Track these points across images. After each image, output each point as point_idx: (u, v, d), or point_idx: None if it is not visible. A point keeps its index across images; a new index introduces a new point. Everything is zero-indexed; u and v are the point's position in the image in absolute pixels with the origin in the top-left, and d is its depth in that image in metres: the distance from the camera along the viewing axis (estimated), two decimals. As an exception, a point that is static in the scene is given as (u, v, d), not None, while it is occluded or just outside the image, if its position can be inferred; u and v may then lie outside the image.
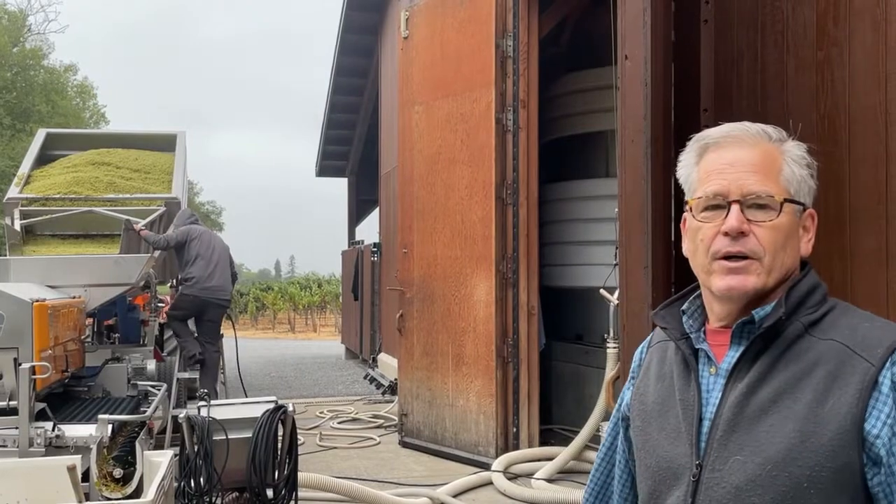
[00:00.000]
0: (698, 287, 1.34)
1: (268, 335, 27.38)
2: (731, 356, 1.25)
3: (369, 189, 16.05)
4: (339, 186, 19.85)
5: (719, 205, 1.24)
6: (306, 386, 11.77)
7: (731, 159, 1.25)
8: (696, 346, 1.29)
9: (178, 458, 3.78)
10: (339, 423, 8.26)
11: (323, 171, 18.05)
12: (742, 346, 1.24)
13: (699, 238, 1.26)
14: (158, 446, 4.89)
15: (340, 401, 9.86)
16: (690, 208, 1.29)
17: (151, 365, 5.82)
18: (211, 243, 7.17)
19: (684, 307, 1.34)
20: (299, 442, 7.37)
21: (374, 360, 12.27)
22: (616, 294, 4.53)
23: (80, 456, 3.28)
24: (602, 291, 5.52)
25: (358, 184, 17.32)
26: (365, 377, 11.69)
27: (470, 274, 6.42)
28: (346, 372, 13.63)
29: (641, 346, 1.48)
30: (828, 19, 2.42)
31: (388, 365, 10.78)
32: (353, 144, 16.68)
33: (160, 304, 6.46)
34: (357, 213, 17.61)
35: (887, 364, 1.14)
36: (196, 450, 3.88)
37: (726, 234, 1.22)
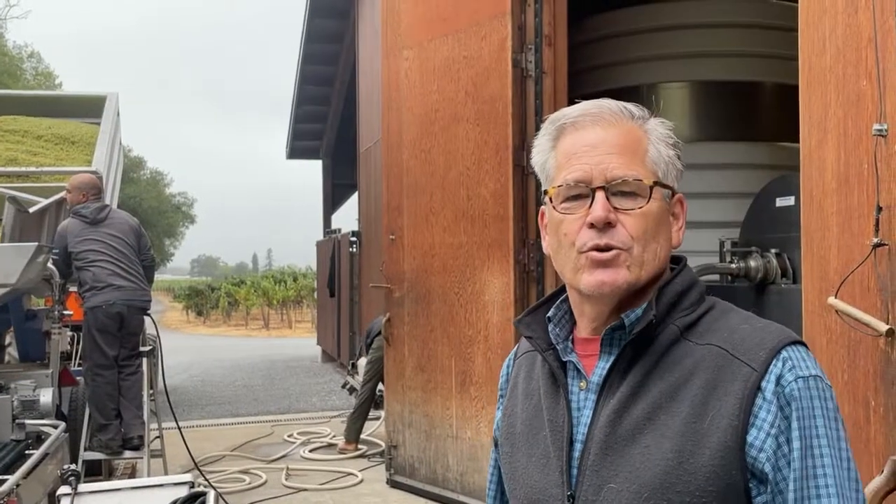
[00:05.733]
0: (565, 290, 1.19)
1: (240, 332, 25.96)
2: (601, 367, 1.12)
3: (347, 172, 14.81)
4: (315, 174, 18.45)
5: (582, 193, 1.10)
6: (276, 398, 10.37)
7: (591, 140, 1.11)
8: (564, 359, 1.16)
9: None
10: (312, 450, 6.88)
11: (294, 152, 16.63)
12: (613, 356, 1.11)
13: (562, 232, 1.12)
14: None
15: (315, 418, 8.58)
16: (550, 199, 1.14)
17: (47, 395, 4.27)
18: (103, 233, 5.00)
19: (550, 313, 1.20)
20: (260, 481, 5.88)
21: (354, 366, 10.99)
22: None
23: None
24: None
25: (333, 167, 16.12)
26: (343, 386, 10.32)
27: (479, 266, 5.01)
28: (322, 379, 12.35)
29: (508, 357, 1.34)
30: None
31: (370, 373, 9.36)
32: (327, 121, 15.21)
33: (66, 312, 4.84)
34: (333, 198, 16.47)
35: (770, 368, 1.03)
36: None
37: (592, 225, 1.08)
